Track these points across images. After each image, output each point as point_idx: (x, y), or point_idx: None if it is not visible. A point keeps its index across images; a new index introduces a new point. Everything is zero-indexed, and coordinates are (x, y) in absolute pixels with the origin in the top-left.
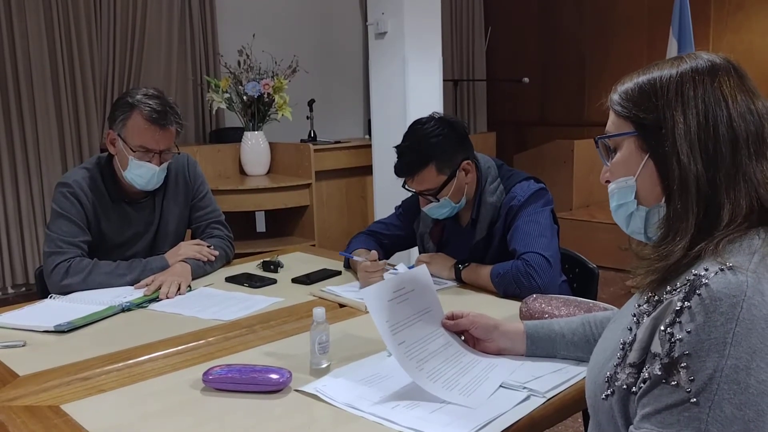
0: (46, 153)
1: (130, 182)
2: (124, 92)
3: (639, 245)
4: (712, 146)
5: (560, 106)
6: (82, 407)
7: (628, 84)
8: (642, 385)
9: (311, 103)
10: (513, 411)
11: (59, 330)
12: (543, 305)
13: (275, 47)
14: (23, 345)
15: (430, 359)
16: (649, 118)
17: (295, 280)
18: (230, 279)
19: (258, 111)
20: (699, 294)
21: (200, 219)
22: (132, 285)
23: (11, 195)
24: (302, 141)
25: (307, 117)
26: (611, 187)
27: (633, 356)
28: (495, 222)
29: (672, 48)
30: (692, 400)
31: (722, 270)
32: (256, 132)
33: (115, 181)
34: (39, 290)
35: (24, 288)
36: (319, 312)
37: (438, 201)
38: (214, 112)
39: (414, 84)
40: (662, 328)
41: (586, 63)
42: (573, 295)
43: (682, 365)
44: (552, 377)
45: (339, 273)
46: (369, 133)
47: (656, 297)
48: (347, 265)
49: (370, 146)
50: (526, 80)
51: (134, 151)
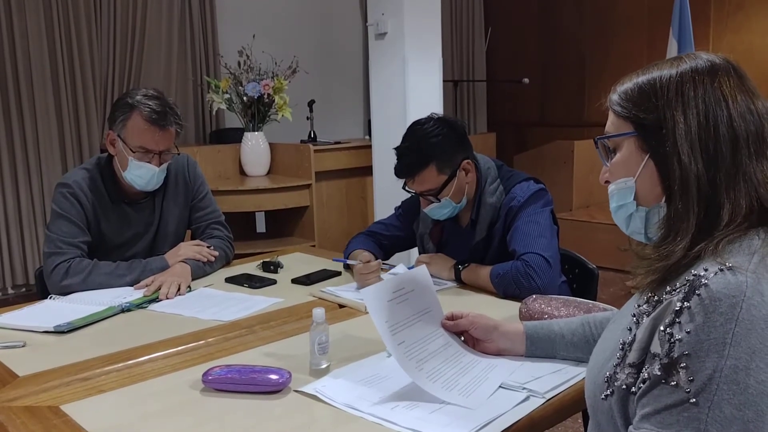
0: (46, 153)
1: (130, 183)
2: (124, 93)
3: (639, 245)
4: (713, 146)
5: (560, 107)
6: (82, 408)
7: (628, 84)
8: (641, 386)
9: (311, 104)
10: (512, 411)
11: (59, 330)
12: (543, 306)
13: (275, 48)
14: (23, 345)
15: (430, 360)
16: (649, 119)
17: (295, 281)
18: (230, 279)
19: (258, 111)
20: (698, 294)
21: (200, 219)
22: (132, 285)
23: (11, 195)
24: (302, 141)
25: (307, 117)
26: (611, 188)
27: (632, 356)
28: (495, 222)
29: (672, 48)
30: (692, 401)
31: (722, 270)
32: (256, 132)
33: (115, 182)
34: (39, 291)
35: (24, 288)
36: (319, 312)
37: (439, 201)
38: (214, 113)
39: (414, 84)
40: (662, 329)
41: (586, 63)
42: (573, 296)
43: (682, 365)
44: (551, 378)
45: (339, 273)
46: (369, 134)
47: (656, 297)
48: (347, 266)
49: (370, 147)
50: (526, 81)
51: (134, 152)
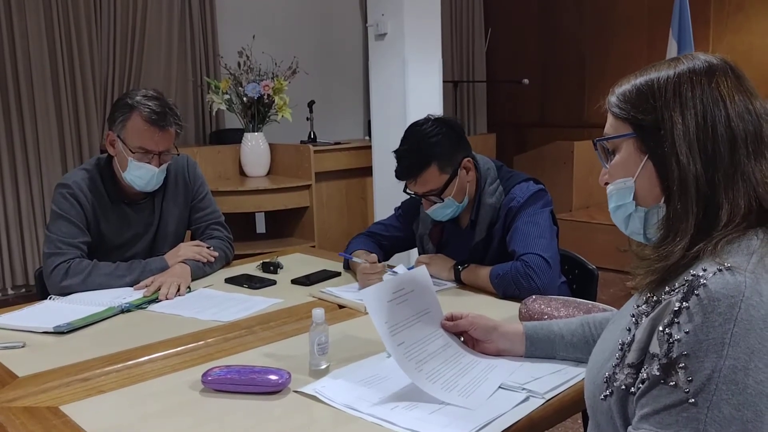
0: (46, 153)
1: (130, 183)
2: (124, 93)
3: (639, 246)
4: (711, 146)
5: (560, 107)
6: (82, 408)
7: (626, 86)
8: (640, 386)
9: (311, 105)
10: (512, 412)
11: (59, 331)
12: (542, 306)
13: (275, 48)
14: (23, 346)
15: (430, 360)
16: (648, 120)
17: (295, 281)
18: (230, 280)
19: (258, 112)
20: (697, 294)
21: (200, 220)
22: (131, 286)
23: (11, 195)
24: (302, 142)
25: (307, 118)
26: (610, 189)
27: (631, 357)
28: (494, 223)
29: (672, 49)
30: (690, 401)
31: (720, 270)
32: (256, 133)
33: (115, 182)
34: (39, 291)
35: (24, 289)
36: (319, 313)
37: (442, 201)
38: (214, 114)
39: (414, 85)
40: (661, 329)
41: (586, 63)
42: (572, 296)
43: (681, 366)
44: (551, 378)
45: (338, 274)
46: (369, 135)
47: (655, 297)
48: (347, 266)
49: (370, 147)
50: (526, 81)
51: (133, 153)
